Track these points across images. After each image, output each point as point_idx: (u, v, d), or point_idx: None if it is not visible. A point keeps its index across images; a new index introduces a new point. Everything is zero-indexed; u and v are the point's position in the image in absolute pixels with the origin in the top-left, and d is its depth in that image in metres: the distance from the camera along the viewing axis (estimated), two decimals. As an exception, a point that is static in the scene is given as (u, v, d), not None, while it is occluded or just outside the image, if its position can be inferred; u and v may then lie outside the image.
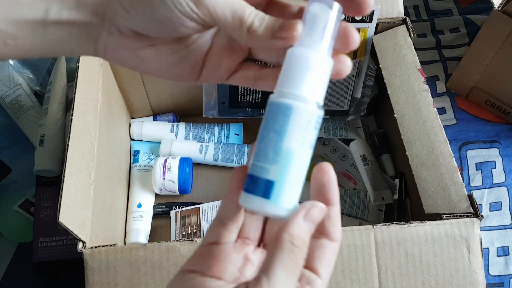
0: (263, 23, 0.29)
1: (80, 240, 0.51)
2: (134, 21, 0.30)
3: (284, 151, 0.28)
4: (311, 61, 0.29)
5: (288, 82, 0.29)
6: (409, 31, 0.69)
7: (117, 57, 0.33)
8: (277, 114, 0.29)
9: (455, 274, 0.51)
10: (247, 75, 0.34)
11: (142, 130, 0.80)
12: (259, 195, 0.28)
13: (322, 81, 0.30)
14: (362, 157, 0.77)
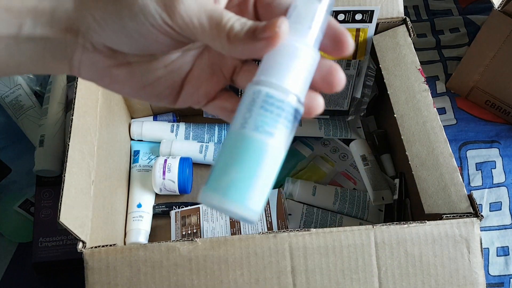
0: (244, 27, 0.26)
1: (80, 240, 0.51)
2: (106, 35, 0.29)
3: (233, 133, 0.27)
4: (297, 50, 0.26)
5: (268, 69, 0.27)
6: (409, 31, 0.69)
7: (91, 74, 0.31)
8: (248, 101, 0.27)
9: (455, 274, 0.51)
10: (225, 105, 0.33)
11: (142, 130, 0.80)
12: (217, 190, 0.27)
13: (306, 75, 0.27)
14: (362, 157, 0.77)
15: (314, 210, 0.73)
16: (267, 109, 0.26)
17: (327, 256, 0.51)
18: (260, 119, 0.26)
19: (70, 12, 0.29)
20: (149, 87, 0.32)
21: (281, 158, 0.27)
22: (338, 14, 0.68)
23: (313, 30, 0.27)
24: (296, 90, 0.27)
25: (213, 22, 0.27)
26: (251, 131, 0.26)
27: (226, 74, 0.32)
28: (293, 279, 0.51)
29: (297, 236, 0.51)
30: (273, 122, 0.26)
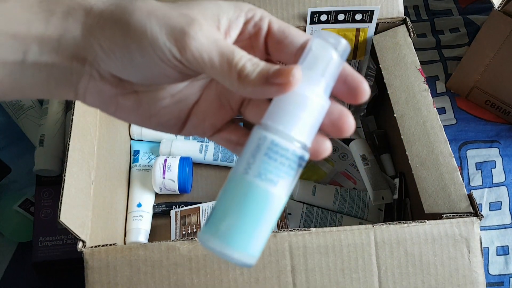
0: (257, 68, 0.26)
1: (80, 240, 0.51)
2: (114, 65, 0.28)
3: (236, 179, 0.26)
4: (308, 100, 0.26)
5: (276, 115, 0.26)
6: (409, 31, 0.69)
7: (97, 102, 0.31)
8: (253, 146, 0.27)
9: (455, 274, 0.51)
10: (231, 138, 0.32)
11: (142, 130, 0.80)
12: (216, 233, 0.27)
13: (314, 122, 0.27)
14: (362, 156, 0.77)
15: (314, 210, 0.73)
16: (271, 157, 0.26)
17: (327, 255, 0.51)
18: (264, 166, 0.26)
19: (78, 40, 0.28)
20: (155, 117, 0.32)
21: (282, 206, 0.27)
22: (338, 14, 0.68)
23: (325, 78, 0.27)
24: (302, 138, 0.27)
25: (224, 59, 0.26)
26: (254, 177, 0.26)
27: (233, 107, 0.32)
28: (293, 278, 0.51)
29: (297, 235, 0.51)
30: (277, 170, 0.26)
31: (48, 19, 0.28)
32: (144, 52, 0.27)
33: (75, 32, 0.28)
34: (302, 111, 0.26)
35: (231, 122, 0.33)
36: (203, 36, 0.26)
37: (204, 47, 0.26)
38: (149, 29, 0.26)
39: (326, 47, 0.27)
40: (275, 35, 0.29)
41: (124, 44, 0.27)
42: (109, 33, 0.27)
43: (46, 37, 0.28)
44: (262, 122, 0.27)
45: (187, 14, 0.27)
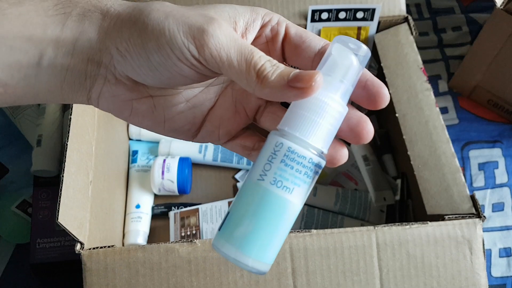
0: (277, 69, 0.26)
1: (78, 241, 0.51)
2: (131, 67, 0.28)
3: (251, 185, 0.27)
4: (324, 105, 0.26)
5: (293, 122, 0.26)
6: (411, 30, 0.68)
7: (111, 106, 0.31)
8: (269, 152, 0.27)
9: (457, 276, 0.51)
10: (246, 144, 0.32)
11: (141, 130, 0.79)
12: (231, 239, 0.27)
13: (332, 129, 0.27)
14: (364, 157, 0.76)
15: (315, 211, 0.73)
16: (288, 164, 0.26)
17: (328, 257, 0.50)
18: (280, 173, 0.26)
19: (93, 43, 0.28)
20: (169, 122, 0.31)
21: (297, 213, 0.27)
22: (339, 12, 0.68)
23: (345, 84, 0.27)
24: (319, 145, 0.26)
25: (243, 58, 0.26)
26: (270, 184, 0.26)
27: (249, 114, 0.32)
28: (294, 280, 0.50)
29: (298, 237, 0.51)
30: (293, 178, 0.26)
31: (64, 22, 0.28)
32: (161, 52, 0.26)
33: (91, 35, 0.28)
34: (320, 118, 0.26)
35: (245, 129, 0.33)
36: (222, 34, 0.26)
37: (223, 45, 0.26)
38: (166, 28, 0.26)
39: (346, 52, 0.27)
40: (293, 39, 0.29)
41: (141, 44, 0.27)
42: (126, 34, 0.27)
43: (62, 40, 0.28)
44: (278, 127, 0.27)
45: (205, 14, 0.27)
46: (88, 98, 0.31)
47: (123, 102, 0.30)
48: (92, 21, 0.28)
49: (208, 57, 0.26)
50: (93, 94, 0.30)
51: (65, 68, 0.29)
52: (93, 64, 0.29)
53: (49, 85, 0.29)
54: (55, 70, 0.29)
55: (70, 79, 0.29)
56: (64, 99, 0.31)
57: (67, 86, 0.30)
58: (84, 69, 0.29)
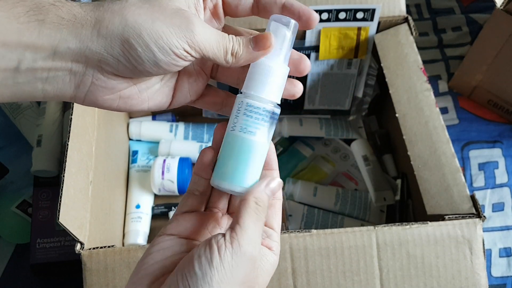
0: (241, 44, 0.34)
1: (78, 241, 0.51)
2: (124, 67, 0.32)
3: (228, 134, 0.35)
4: (268, 67, 0.35)
5: (249, 84, 0.35)
6: (411, 30, 0.68)
7: (99, 101, 0.34)
8: (236, 109, 0.35)
9: (457, 276, 0.51)
10: (215, 100, 0.39)
11: (141, 130, 0.79)
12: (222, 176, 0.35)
13: (278, 85, 0.35)
14: (364, 157, 0.76)
15: (315, 211, 0.73)
16: (248, 115, 0.35)
17: (328, 257, 0.50)
18: (244, 123, 0.35)
19: (76, 49, 0.31)
20: (151, 100, 0.36)
21: (265, 149, 0.36)
22: (339, 13, 0.68)
23: (283, 50, 0.36)
24: (271, 97, 0.35)
25: (221, 45, 0.33)
26: (239, 132, 0.35)
27: (207, 72, 0.38)
28: (294, 281, 0.50)
29: (298, 237, 0.51)
30: (254, 124, 0.35)
31: (39, 29, 0.30)
32: (164, 52, 0.31)
33: (71, 42, 0.30)
34: (268, 78, 0.35)
35: (210, 88, 0.39)
36: (203, 31, 0.32)
37: (206, 39, 0.32)
38: (161, 32, 0.31)
39: (280, 27, 0.35)
40: (230, 2, 0.36)
41: (139, 47, 0.31)
42: (118, 39, 0.31)
43: (40, 46, 0.30)
44: (241, 91, 0.36)
45: (180, 14, 0.32)
46: (73, 96, 0.33)
47: (112, 95, 0.34)
48: (70, 30, 0.30)
49: (198, 50, 0.32)
50: (79, 93, 0.33)
51: (47, 70, 0.31)
52: (78, 65, 0.31)
53: (29, 86, 0.31)
54: (35, 73, 0.30)
55: (52, 80, 0.31)
56: (45, 97, 0.33)
57: (50, 86, 0.32)
58: (68, 70, 0.31)
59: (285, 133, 0.80)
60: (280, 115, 0.81)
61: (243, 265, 0.31)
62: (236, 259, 0.31)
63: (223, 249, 0.31)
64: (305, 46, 0.72)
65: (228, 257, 0.30)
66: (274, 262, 0.36)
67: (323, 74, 0.76)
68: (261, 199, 0.34)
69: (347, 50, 0.73)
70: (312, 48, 0.72)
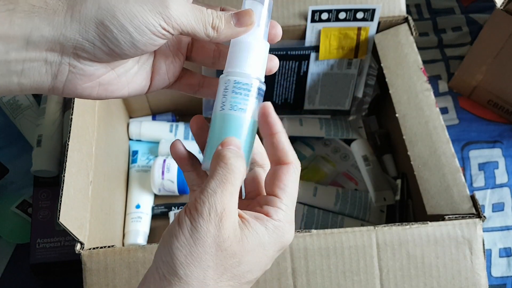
0: (222, 18, 0.33)
1: (78, 241, 0.51)
2: (101, 51, 0.31)
3: (216, 115, 0.35)
4: (251, 44, 0.35)
5: (233, 62, 0.35)
6: (411, 30, 0.68)
7: (78, 90, 0.33)
8: (222, 89, 0.35)
9: (457, 276, 0.51)
10: (191, 82, 0.39)
11: (141, 130, 0.79)
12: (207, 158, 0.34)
13: (261, 60, 0.36)
14: (364, 157, 0.76)
15: (315, 211, 0.73)
16: (237, 92, 0.34)
17: (328, 257, 0.50)
18: (234, 100, 0.34)
19: (49, 37, 0.30)
20: (130, 84, 0.36)
21: (256, 126, 0.36)
22: (339, 13, 0.68)
23: (261, 26, 0.36)
24: (256, 74, 0.35)
25: (199, 19, 0.32)
26: (229, 110, 0.34)
27: (183, 53, 0.38)
28: (294, 281, 0.50)
29: (298, 237, 0.51)
30: (244, 101, 0.34)
31: (10, 19, 0.29)
32: (138, 31, 0.31)
33: (44, 30, 0.29)
34: (251, 54, 0.35)
35: (187, 70, 0.39)
36: (179, 5, 0.31)
37: (183, 13, 0.32)
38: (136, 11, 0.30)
39: (255, 4, 0.35)
40: None
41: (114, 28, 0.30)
42: (92, 22, 0.30)
43: (12, 36, 0.29)
44: (224, 72, 0.35)
45: None
46: (51, 87, 0.32)
47: (90, 83, 0.33)
48: (42, 17, 0.29)
49: (175, 25, 0.31)
50: (57, 84, 0.32)
51: (21, 62, 0.30)
52: (54, 54, 0.30)
53: (3, 80, 0.30)
54: (9, 65, 0.30)
55: (28, 72, 0.30)
56: (22, 91, 0.32)
57: (26, 79, 0.31)
58: (44, 60, 0.30)
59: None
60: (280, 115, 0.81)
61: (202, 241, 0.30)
62: (193, 235, 0.30)
63: (182, 218, 0.30)
64: (305, 46, 0.72)
65: (186, 233, 0.30)
66: (275, 228, 0.33)
67: (323, 74, 0.76)
68: (223, 157, 0.32)
69: (347, 50, 0.73)
70: (312, 48, 0.72)
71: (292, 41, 0.72)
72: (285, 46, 0.72)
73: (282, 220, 0.33)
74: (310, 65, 0.74)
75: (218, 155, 0.32)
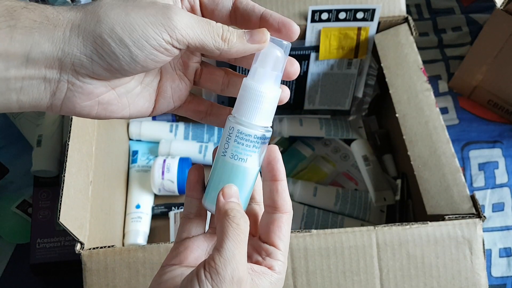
0: (233, 32, 0.32)
1: (79, 241, 0.51)
2: (99, 67, 0.30)
3: (219, 159, 0.35)
4: (264, 94, 0.34)
5: (241, 109, 0.34)
6: (411, 30, 0.68)
7: (77, 109, 0.32)
8: (226, 134, 0.34)
9: (457, 276, 0.51)
10: (199, 108, 0.38)
11: (141, 130, 0.79)
12: (213, 200, 0.34)
13: (270, 109, 0.35)
14: (364, 157, 0.76)
15: (315, 211, 0.73)
16: (239, 142, 0.34)
17: (328, 257, 0.50)
18: (235, 149, 0.34)
19: (49, 53, 0.29)
20: (132, 105, 0.35)
21: (254, 173, 0.35)
22: (339, 13, 0.68)
23: (275, 71, 0.34)
24: (262, 123, 0.34)
25: (206, 30, 0.31)
26: (230, 158, 0.34)
27: (190, 78, 0.37)
28: (294, 281, 0.50)
29: (298, 237, 0.51)
30: (245, 151, 0.34)
31: (11, 36, 0.28)
32: (137, 45, 0.29)
33: (45, 46, 0.29)
34: (259, 104, 0.34)
35: (194, 95, 0.38)
36: (183, 17, 0.30)
37: (188, 25, 0.30)
38: (135, 24, 0.29)
39: (272, 48, 0.34)
40: (207, 5, 0.34)
41: (112, 43, 0.29)
42: (90, 38, 0.29)
43: (12, 53, 0.28)
44: (232, 113, 0.35)
45: (157, 4, 0.30)
46: (49, 104, 0.31)
47: (90, 101, 0.32)
48: (42, 32, 0.29)
49: (180, 38, 0.30)
50: (56, 101, 0.31)
51: (20, 79, 0.29)
52: (53, 71, 0.30)
53: (2, 97, 0.29)
54: (8, 83, 0.29)
55: (27, 90, 0.30)
56: (20, 108, 0.31)
57: (25, 97, 0.30)
58: (43, 78, 0.30)
59: (285, 133, 0.80)
60: (280, 115, 0.81)
61: None
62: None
63: (203, 281, 0.30)
64: (305, 46, 0.72)
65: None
66: (277, 281, 0.34)
67: (323, 74, 0.76)
68: (231, 209, 0.32)
69: (347, 50, 0.73)
70: (312, 48, 0.72)
71: (292, 41, 0.72)
72: (285, 46, 0.72)
73: (282, 272, 0.34)
74: (310, 65, 0.74)
75: (224, 211, 0.32)
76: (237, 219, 0.31)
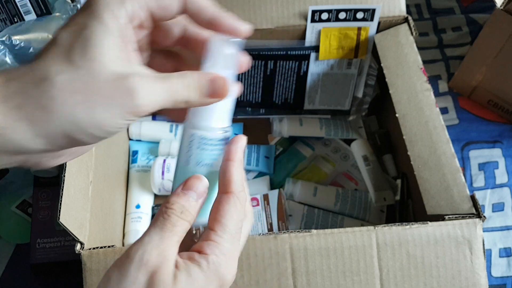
0: (193, 92, 0.31)
1: (78, 241, 0.51)
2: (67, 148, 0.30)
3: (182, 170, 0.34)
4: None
5: (198, 114, 0.33)
6: (411, 30, 0.68)
7: (50, 164, 0.33)
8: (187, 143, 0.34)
9: (457, 276, 0.51)
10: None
11: (141, 130, 0.79)
12: None
13: (229, 108, 0.34)
14: (364, 157, 0.76)
15: (315, 211, 0.73)
16: (203, 148, 0.33)
17: (328, 257, 0.50)
18: (199, 156, 0.33)
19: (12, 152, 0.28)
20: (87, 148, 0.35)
21: None
22: (339, 13, 0.68)
23: (228, 69, 0.33)
24: (223, 124, 0.33)
25: (171, 99, 0.30)
26: (195, 167, 0.33)
27: None
28: (294, 281, 0.50)
29: (298, 237, 0.51)
30: (209, 156, 0.33)
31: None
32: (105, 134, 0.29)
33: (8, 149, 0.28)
34: (217, 106, 0.32)
35: None
36: (147, 89, 0.29)
37: (153, 98, 0.29)
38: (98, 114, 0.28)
39: (222, 47, 0.33)
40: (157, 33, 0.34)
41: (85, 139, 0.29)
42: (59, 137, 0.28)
43: None
44: (188, 118, 0.34)
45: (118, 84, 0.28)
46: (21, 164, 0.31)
47: (60, 159, 0.33)
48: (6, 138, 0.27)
49: (143, 111, 0.29)
50: (26, 164, 0.31)
51: None
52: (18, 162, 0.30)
53: None
54: None
55: None
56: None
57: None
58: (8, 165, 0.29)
59: (285, 133, 0.80)
60: (280, 115, 0.81)
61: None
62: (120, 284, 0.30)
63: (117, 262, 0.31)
64: (305, 46, 0.72)
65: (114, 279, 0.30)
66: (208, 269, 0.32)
67: (323, 74, 0.76)
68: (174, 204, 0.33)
69: (347, 50, 0.73)
70: (312, 48, 0.72)
71: (292, 41, 0.72)
72: (285, 46, 0.72)
73: (217, 253, 0.32)
74: (310, 65, 0.74)
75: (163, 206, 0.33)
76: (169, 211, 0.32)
